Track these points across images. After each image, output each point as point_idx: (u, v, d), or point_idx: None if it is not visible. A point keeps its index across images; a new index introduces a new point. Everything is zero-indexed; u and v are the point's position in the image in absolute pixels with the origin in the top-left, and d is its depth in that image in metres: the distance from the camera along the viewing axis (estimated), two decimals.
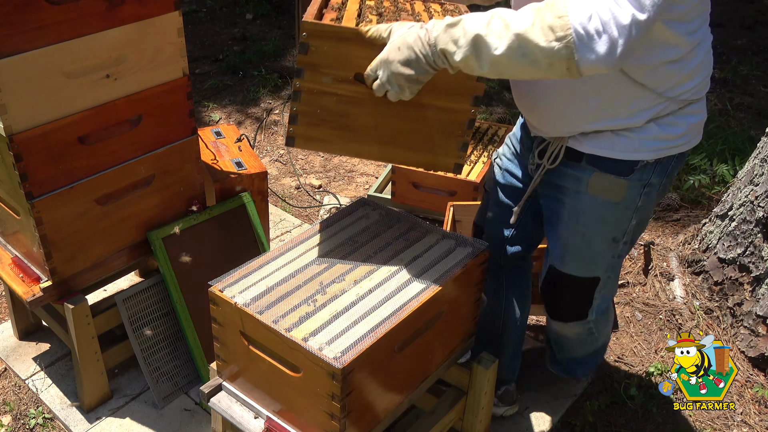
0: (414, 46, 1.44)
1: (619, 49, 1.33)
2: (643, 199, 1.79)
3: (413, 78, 1.46)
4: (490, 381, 2.01)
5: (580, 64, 1.35)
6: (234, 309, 1.65)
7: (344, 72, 1.53)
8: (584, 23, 1.33)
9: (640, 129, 1.69)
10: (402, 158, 1.61)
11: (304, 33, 1.51)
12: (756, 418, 2.48)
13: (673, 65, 1.61)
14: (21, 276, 2.23)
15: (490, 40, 1.38)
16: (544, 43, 1.34)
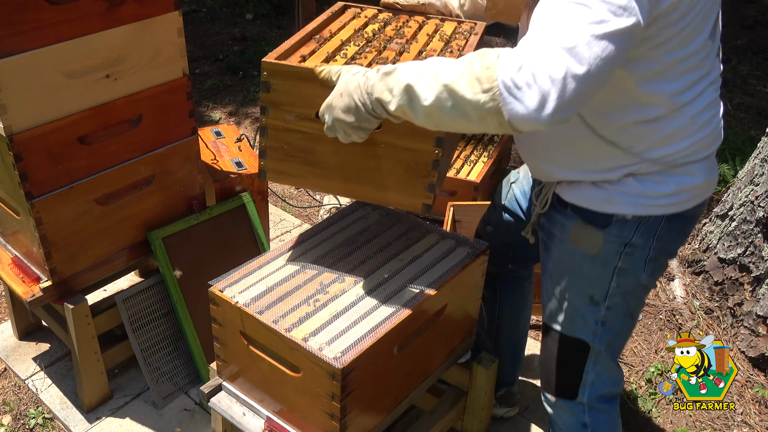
0: (354, 93, 1.40)
1: (551, 104, 1.22)
2: (624, 260, 1.61)
3: (355, 125, 1.42)
4: (490, 381, 2.01)
5: (510, 119, 1.26)
6: (234, 309, 1.65)
7: (306, 110, 1.51)
8: (512, 75, 1.24)
9: (618, 182, 1.56)
10: (369, 196, 1.57)
11: (264, 72, 1.52)
12: (756, 418, 2.48)
13: (648, 125, 1.49)
14: (21, 276, 2.23)
15: (420, 90, 1.32)
16: (471, 95, 1.27)
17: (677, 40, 1.38)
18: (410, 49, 1.67)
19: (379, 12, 1.94)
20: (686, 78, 1.45)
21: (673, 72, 1.43)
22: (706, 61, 1.47)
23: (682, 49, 1.40)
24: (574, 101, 1.25)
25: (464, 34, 1.81)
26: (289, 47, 1.62)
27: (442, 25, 1.86)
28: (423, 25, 1.86)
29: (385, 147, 1.48)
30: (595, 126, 1.52)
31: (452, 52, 1.68)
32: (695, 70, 1.45)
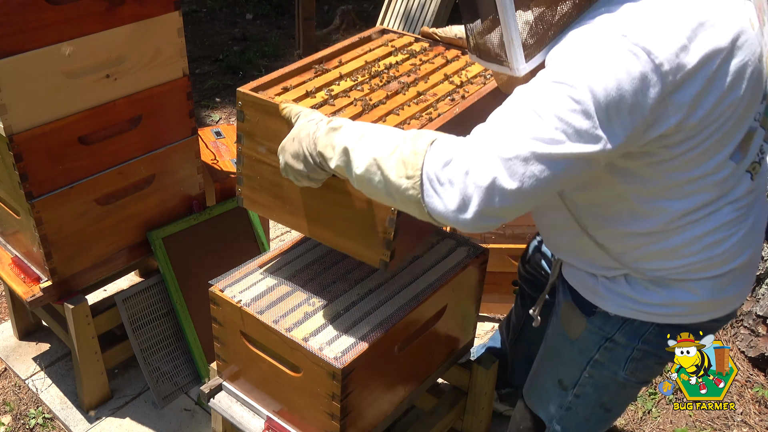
0: (303, 141, 1.33)
1: (472, 209, 1.13)
2: (602, 354, 1.51)
3: (303, 173, 1.36)
4: (490, 381, 2.01)
5: (429, 212, 1.18)
6: (234, 309, 1.65)
7: (274, 145, 1.47)
8: (437, 168, 1.15)
9: (610, 278, 1.45)
10: (331, 241, 1.53)
11: (239, 102, 1.51)
12: (756, 418, 2.48)
13: (643, 237, 1.35)
14: (21, 276, 2.23)
15: (354, 156, 1.24)
16: (395, 177, 1.19)
17: (680, 161, 1.23)
18: (407, 92, 1.61)
19: (416, 41, 1.87)
20: (695, 198, 1.29)
21: (677, 191, 1.28)
22: (724, 183, 1.30)
23: (687, 171, 1.25)
24: (499, 214, 1.15)
25: (486, 77, 1.71)
26: (282, 74, 1.61)
27: (473, 63, 1.76)
28: (451, 61, 1.77)
29: (345, 195, 1.44)
30: (586, 225, 1.41)
31: (453, 99, 1.60)
32: (707, 192, 1.29)
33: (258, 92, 1.52)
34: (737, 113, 1.23)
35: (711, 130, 1.20)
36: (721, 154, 1.25)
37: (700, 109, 1.17)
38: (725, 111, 1.20)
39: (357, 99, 1.54)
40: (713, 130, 1.21)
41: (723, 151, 1.25)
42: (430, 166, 1.17)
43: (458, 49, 1.84)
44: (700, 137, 1.20)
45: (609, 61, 1.10)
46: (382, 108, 1.53)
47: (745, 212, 1.36)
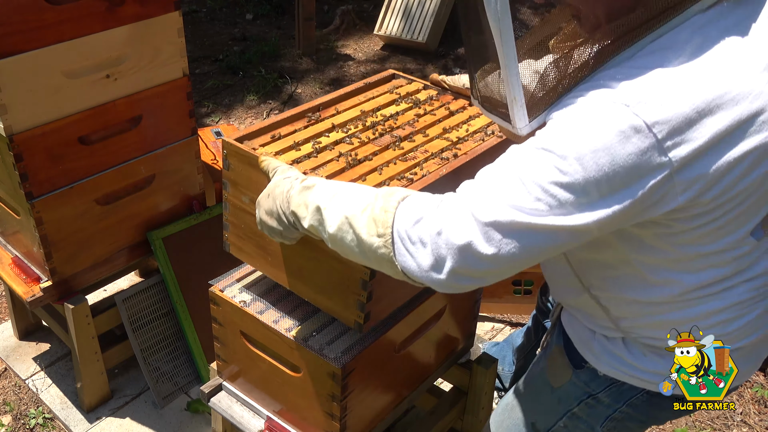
0: (277, 198, 1.30)
1: (446, 269, 1.08)
2: (581, 408, 1.44)
3: (277, 231, 1.33)
4: (490, 381, 2.01)
5: (403, 271, 1.13)
6: (234, 309, 1.65)
7: (257, 195, 1.44)
8: (407, 226, 1.11)
9: (607, 338, 1.37)
10: (310, 296, 1.52)
11: (224, 150, 1.51)
12: (756, 418, 2.48)
13: (648, 307, 1.27)
14: (21, 276, 2.23)
15: (327, 215, 1.21)
16: (366, 236, 1.15)
17: (693, 235, 1.13)
18: (398, 147, 1.56)
19: (424, 88, 1.82)
20: (708, 273, 1.20)
21: (690, 264, 1.19)
22: (742, 260, 1.20)
23: (701, 245, 1.16)
24: (475, 275, 1.10)
25: (486, 133, 1.65)
26: (274, 122, 1.59)
27: (477, 117, 1.70)
28: (454, 113, 1.71)
29: (321, 253, 1.41)
30: (590, 285, 1.33)
31: (443, 159, 1.54)
32: (722, 267, 1.20)
33: (243, 142, 1.50)
34: (760, 191, 1.12)
35: (729, 207, 1.10)
36: (741, 230, 1.16)
37: (716, 187, 1.06)
38: (746, 189, 1.09)
39: (343, 154, 1.50)
40: (731, 207, 1.11)
41: (743, 227, 1.16)
42: (400, 224, 1.12)
43: (466, 99, 1.78)
44: (716, 213, 1.11)
45: (604, 133, 1.00)
46: (367, 165, 1.48)
47: (764, 292, 1.27)
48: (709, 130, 1.02)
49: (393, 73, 1.88)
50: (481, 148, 1.57)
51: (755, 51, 1.07)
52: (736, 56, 1.05)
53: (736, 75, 1.05)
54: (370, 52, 5.41)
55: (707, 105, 1.02)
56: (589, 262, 1.30)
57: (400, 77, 1.88)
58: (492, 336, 2.80)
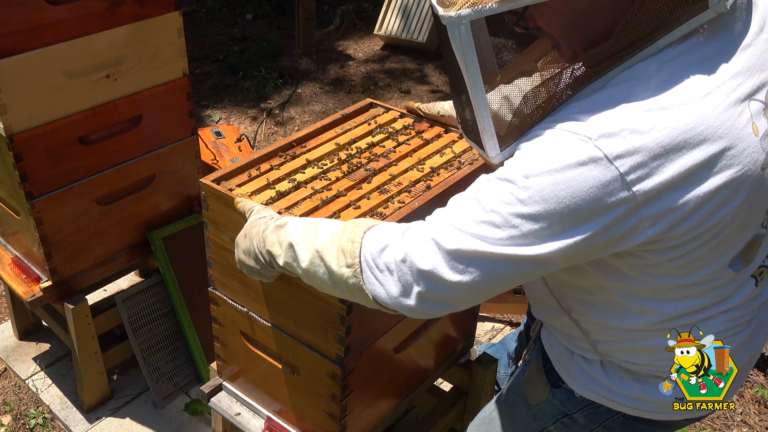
0: (254, 238, 1.33)
1: (414, 295, 1.10)
2: (557, 427, 1.45)
3: (255, 270, 1.35)
4: (490, 381, 2.01)
5: (375, 299, 1.15)
6: (234, 309, 1.65)
7: (236, 234, 1.48)
8: (374, 254, 1.14)
9: (585, 359, 1.37)
10: (292, 331, 1.54)
11: (202, 192, 1.55)
12: (756, 418, 2.48)
13: (628, 333, 1.26)
14: (21, 276, 2.23)
15: (299, 251, 1.23)
16: (336, 267, 1.18)
17: (669, 267, 1.13)
18: (376, 179, 1.59)
19: (401, 116, 1.86)
20: (686, 303, 1.19)
21: (666, 294, 1.18)
22: (720, 290, 1.19)
23: (677, 277, 1.15)
24: (444, 301, 1.11)
25: (461, 161, 1.68)
26: (251, 160, 1.62)
27: (452, 145, 1.74)
28: (430, 141, 1.75)
29: (300, 289, 1.45)
30: (569, 308, 1.33)
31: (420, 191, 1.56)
32: (700, 297, 1.19)
33: (220, 182, 1.55)
34: (734, 223, 1.10)
35: (703, 239, 1.09)
36: (719, 262, 1.15)
37: (687, 221, 1.05)
38: (720, 222, 1.08)
39: (317, 190, 1.53)
40: (706, 239, 1.09)
41: (720, 260, 1.14)
42: (367, 252, 1.15)
43: (441, 126, 1.81)
44: (690, 246, 1.09)
45: (565, 165, 1.00)
46: (341, 200, 1.51)
47: (744, 323, 1.27)
48: (675, 165, 1.01)
49: (370, 102, 1.92)
50: (455, 177, 1.60)
51: (723, 86, 1.05)
52: (703, 91, 1.03)
53: (703, 111, 1.02)
54: (370, 52, 5.41)
55: (673, 140, 1.00)
56: (566, 285, 1.30)
57: (377, 106, 1.91)
58: (492, 336, 2.80)
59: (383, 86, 4.90)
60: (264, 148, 1.69)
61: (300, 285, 1.43)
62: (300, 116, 4.53)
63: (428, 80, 5.00)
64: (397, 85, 4.90)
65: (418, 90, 4.86)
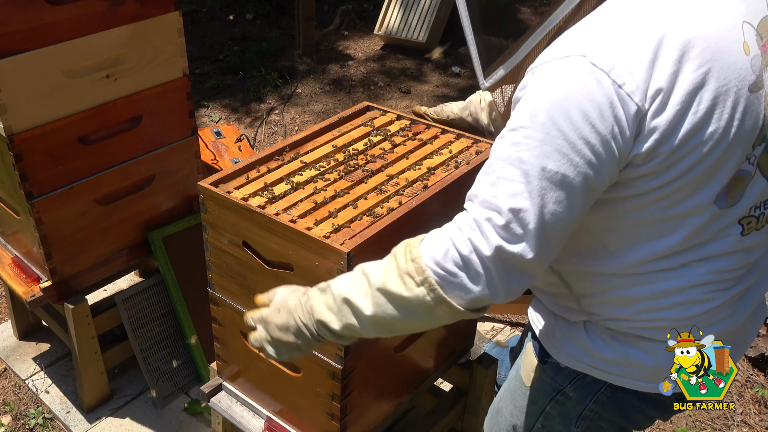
0: (294, 312, 1.25)
1: (495, 280, 1.09)
2: (553, 407, 1.43)
3: (293, 345, 1.27)
4: (490, 381, 2.01)
5: (462, 305, 1.12)
6: (234, 309, 1.65)
7: (234, 237, 1.53)
8: (440, 261, 1.10)
9: (567, 322, 1.36)
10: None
11: (201, 195, 1.55)
12: (756, 418, 2.48)
13: (609, 279, 1.25)
14: (21, 276, 2.23)
15: (357, 301, 1.17)
16: (407, 293, 1.12)
17: (654, 196, 1.15)
18: (374, 179, 1.59)
19: (398, 118, 1.87)
20: (668, 240, 1.19)
21: (649, 230, 1.19)
22: (704, 231, 1.19)
23: (662, 209, 1.16)
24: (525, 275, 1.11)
25: (458, 161, 1.69)
26: (248, 163, 1.62)
27: (449, 146, 1.75)
28: (426, 143, 1.75)
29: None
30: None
31: (417, 191, 1.56)
32: (681, 231, 1.18)
33: (218, 185, 1.55)
34: (720, 147, 1.11)
35: (688, 162, 1.10)
36: (704, 193, 1.15)
37: (673, 136, 1.07)
38: (704, 142, 1.09)
39: (314, 192, 1.53)
40: (691, 163, 1.10)
41: (705, 190, 1.15)
42: (432, 263, 1.11)
43: (439, 127, 1.81)
44: (676, 170, 1.11)
45: (563, 87, 1.05)
46: (339, 201, 1.51)
47: (731, 279, 1.25)
48: (665, 74, 1.05)
49: (367, 105, 1.93)
50: (452, 177, 1.60)
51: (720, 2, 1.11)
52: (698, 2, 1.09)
53: (700, 22, 1.07)
54: (370, 51, 5.41)
55: (663, 50, 1.05)
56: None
57: (374, 109, 1.91)
58: (492, 336, 2.80)
59: (383, 86, 4.90)
60: (263, 149, 1.69)
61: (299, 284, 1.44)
62: (300, 116, 4.53)
63: (428, 80, 5.00)
64: (396, 85, 4.90)
65: (418, 90, 4.86)
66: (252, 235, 1.49)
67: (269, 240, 1.46)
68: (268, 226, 1.45)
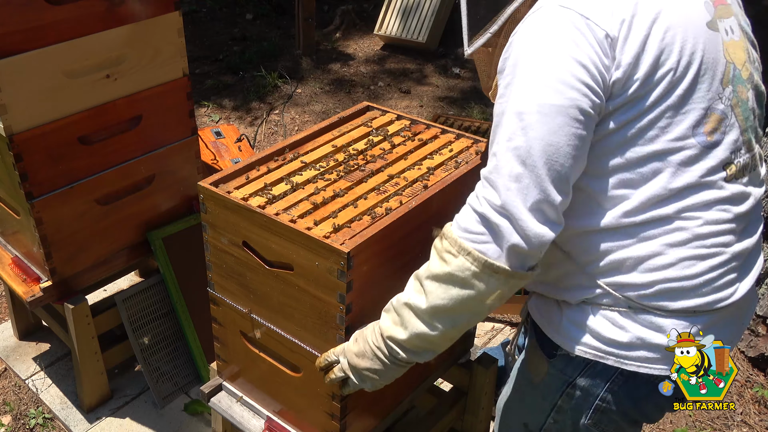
0: (369, 337, 1.35)
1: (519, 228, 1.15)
2: (564, 400, 1.42)
3: (374, 371, 1.35)
4: (490, 381, 2.01)
5: (506, 264, 1.16)
6: (234, 309, 1.65)
7: (234, 237, 1.53)
8: (465, 226, 1.19)
9: (575, 308, 1.35)
10: (293, 333, 1.53)
11: (201, 195, 1.56)
12: (756, 417, 2.48)
13: (604, 236, 1.26)
14: (21, 276, 2.23)
15: (413, 299, 1.25)
16: (450, 267, 1.19)
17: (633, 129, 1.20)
18: (374, 179, 1.60)
19: (398, 118, 1.87)
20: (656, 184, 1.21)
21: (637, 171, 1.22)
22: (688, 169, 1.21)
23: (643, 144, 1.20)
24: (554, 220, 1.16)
25: (458, 161, 1.69)
26: (248, 163, 1.62)
27: (449, 146, 1.75)
28: (426, 142, 1.76)
29: (299, 290, 1.45)
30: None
31: (417, 191, 1.57)
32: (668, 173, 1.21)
33: (218, 185, 1.55)
34: (690, 74, 1.19)
35: (662, 89, 1.17)
36: (679, 126, 1.19)
37: (644, 60, 1.16)
38: (674, 67, 1.18)
39: (314, 192, 1.54)
40: (664, 89, 1.17)
41: (680, 123, 1.20)
42: (460, 231, 1.19)
43: (438, 128, 1.82)
44: (651, 97, 1.18)
45: (543, 30, 1.16)
46: (339, 201, 1.51)
47: (728, 231, 1.26)
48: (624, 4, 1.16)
49: (367, 105, 1.92)
50: (452, 177, 1.61)
51: None
52: None
53: None
54: (370, 52, 5.41)
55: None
56: None
57: (374, 109, 1.91)
58: (492, 336, 2.80)
59: (383, 86, 4.90)
60: (263, 149, 1.69)
61: (300, 287, 1.44)
62: (300, 116, 4.53)
63: (428, 80, 5.00)
64: (397, 85, 4.90)
65: (418, 90, 4.86)
66: (252, 235, 1.49)
67: (269, 240, 1.46)
68: (268, 226, 1.44)
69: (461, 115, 4.48)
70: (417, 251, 1.54)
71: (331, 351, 1.43)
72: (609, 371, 1.34)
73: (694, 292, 1.25)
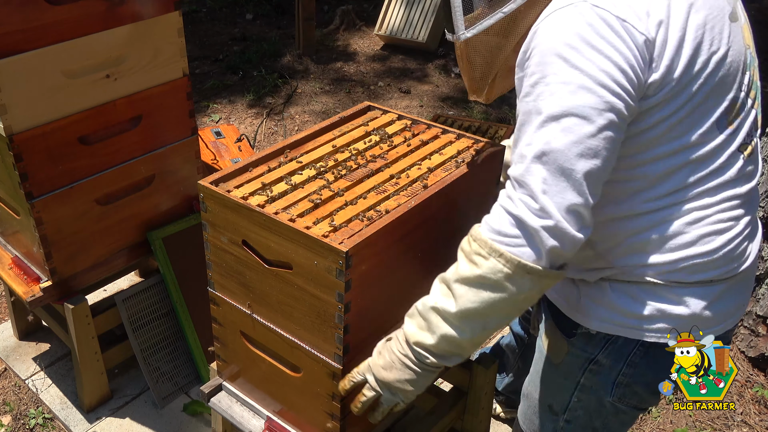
0: (393, 347, 1.34)
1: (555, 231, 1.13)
2: (587, 377, 1.44)
3: (405, 381, 1.33)
4: (490, 381, 2.01)
5: (540, 264, 1.15)
6: (234, 309, 1.65)
7: (234, 236, 1.53)
8: (497, 228, 1.17)
9: (593, 286, 1.36)
10: (292, 332, 1.53)
11: (201, 194, 1.56)
12: (756, 418, 2.48)
13: (621, 223, 1.29)
14: (21, 276, 2.23)
15: (441, 303, 1.24)
16: (480, 269, 1.18)
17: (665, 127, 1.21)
18: (374, 179, 1.59)
19: (399, 118, 1.86)
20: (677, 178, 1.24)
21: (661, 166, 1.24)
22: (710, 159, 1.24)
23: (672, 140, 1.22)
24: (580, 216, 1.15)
25: (458, 161, 1.69)
26: (247, 163, 1.62)
27: (449, 146, 1.75)
28: (427, 143, 1.76)
29: (298, 289, 1.45)
30: None
31: (416, 190, 1.56)
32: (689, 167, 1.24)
33: (218, 184, 1.55)
34: (721, 69, 1.20)
35: (695, 86, 1.18)
36: (707, 120, 1.21)
37: (681, 61, 1.16)
38: (707, 64, 1.18)
39: (314, 191, 1.53)
40: (698, 86, 1.18)
41: (708, 117, 1.21)
42: (491, 233, 1.17)
43: (439, 127, 1.82)
44: (685, 95, 1.18)
45: (576, 30, 1.11)
46: (338, 200, 1.51)
47: (740, 204, 1.29)
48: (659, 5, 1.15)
49: (368, 105, 1.92)
50: (452, 177, 1.60)
51: None
52: None
53: None
54: (370, 52, 5.41)
55: None
56: None
57: (374, 109, 1.91)
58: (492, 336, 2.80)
59: (383, 86, 4.90)
60: (263, 149, 1.69)
61: (299, 286, 1.44)
62: (300, 116, 4.53)
63: (429, 80, 5.00)
64: (397, 85, 4.90)
65: (419, 90, 4.86)
66: (251, 234, 1.50)
67: (268, 239, 1.46)
68: (267, 225, 1.45)
69: (461, 115, 4.48)
70: (416, 251, 1.54)
71: (354, 371, 1.40)
72: (629, 345, 1.36)
73: (713, 264, 1.28)
